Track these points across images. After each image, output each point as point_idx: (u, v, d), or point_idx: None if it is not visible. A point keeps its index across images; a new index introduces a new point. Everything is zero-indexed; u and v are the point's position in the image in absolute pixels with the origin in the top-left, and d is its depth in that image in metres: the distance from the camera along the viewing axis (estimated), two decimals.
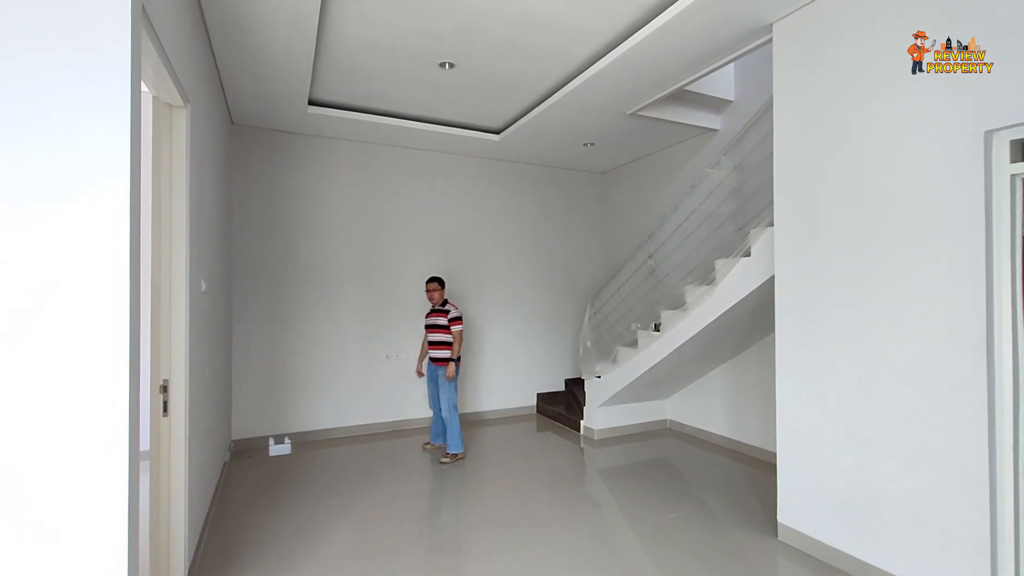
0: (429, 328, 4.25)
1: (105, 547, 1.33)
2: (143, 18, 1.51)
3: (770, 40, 2.84)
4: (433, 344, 4.19)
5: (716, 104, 4.43)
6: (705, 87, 4.16)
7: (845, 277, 2.43)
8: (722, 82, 4.30)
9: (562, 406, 5.46)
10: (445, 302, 4.20)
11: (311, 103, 4.10)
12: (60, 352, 1.30)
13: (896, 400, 2.24)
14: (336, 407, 4.75)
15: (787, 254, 2.71)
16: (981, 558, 1.97)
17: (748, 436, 4.17)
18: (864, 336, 2.36)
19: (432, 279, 4.24)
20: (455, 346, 4.09)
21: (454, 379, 4.10)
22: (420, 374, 4.53)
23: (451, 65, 3.46)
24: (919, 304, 2.15)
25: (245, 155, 4.44)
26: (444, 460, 4.00)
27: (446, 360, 4.13)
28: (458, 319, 4.13)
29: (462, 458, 4.08)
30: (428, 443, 4.40)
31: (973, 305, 1.99)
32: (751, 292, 3.24)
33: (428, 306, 5.08)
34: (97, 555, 1.33)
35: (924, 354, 2.14)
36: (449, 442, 4.07)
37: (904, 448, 2.21)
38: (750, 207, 3.92)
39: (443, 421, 4.21)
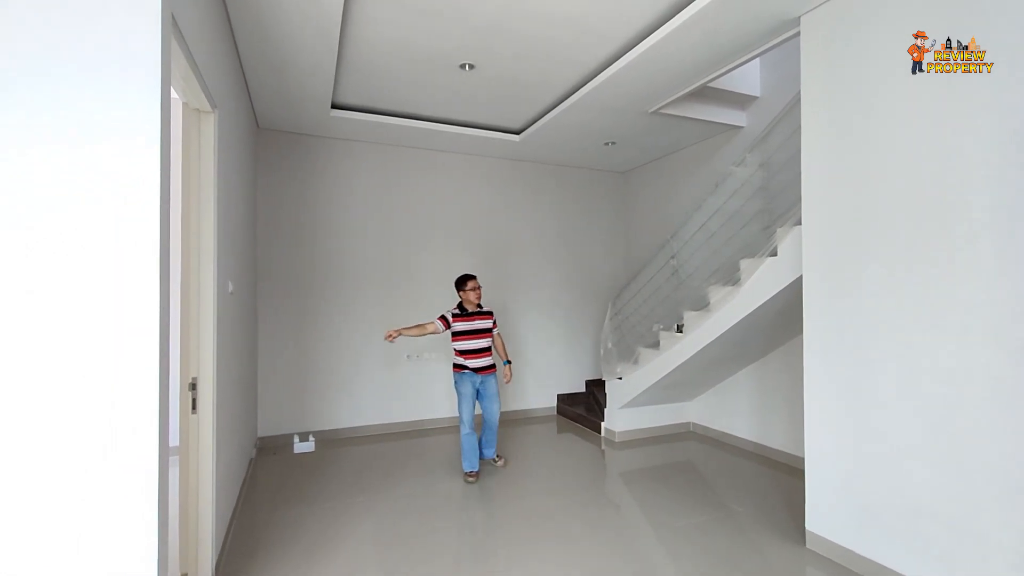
0: (469, 335, 3.63)
1: (136, 538, 1.38)
2: (173, 27, 1.55)
3: (797, 34, 2.76)
4: (476, 352, 3.64)
5: (741, 100, 4.33)
6: (729, 83, 4.07)
7: (877, 277, 2.35)
8: (747, 78, 4.21)
9: (582, 407, 5.42)
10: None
11: (334, 107, 4.16)
12: (94, 351, 1.35)
13: (933, 404, 2.15)
14: (359, 406, 4.82)
15: (815, 254, 2.63)
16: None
17: (774, 440, 4.07)
18: (898, 338, 2.27)
19: (473, 276, 3.72)
20: (504, 348, 3.87)
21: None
22: (388, 336, 3.56)
23: (471, 67, 3.47)
24: (958, 305, 2.06)
25: (270, 158, 4.54)
26: (500, 463, 3.90)
27: (493, 367, 3.74)
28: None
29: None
30: (473, 474, 3.62)
31: (1017, 307, 1.89)
32: (778, 293, 3.16)
33: (453, 307, 5.14)
34: (128, 546, 1.37)
35: (963, 357, 2.05)
36: (493, 445, 3.87)
37: (941, 454, 2.12)
38: (776, 205, 3.82)
39: (472, 434, 3.66)
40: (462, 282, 3.70)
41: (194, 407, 2.21)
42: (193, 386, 2.20)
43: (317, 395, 4.68)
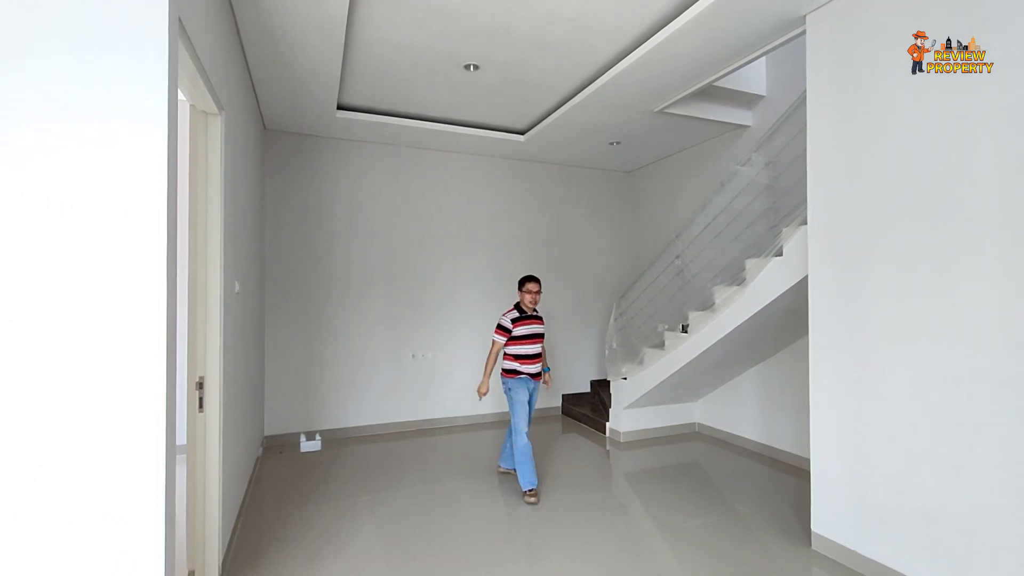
0: (527, 339, 3.45)
1: (143, 535, 1.40)
2: (180, 31, 1.57)
3: (803, 32, 2.75)
4: (533, 357, 3.48)
5: (747, 99, 4.31)
6: (735, 82, 4.05)
7: (885, 277, 2.33)
8: (753, 76, 4.19)
9: (587, 407, 5.42)
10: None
11: (340, 108, 4.19)
12: (101, 350, 1.37)
13: (944, 407, 2.13)
14: (365, 405, 4.84)
15: (821, 253, 2.61)
16: None
17: (780, 441, 4.04)
18: (908, 339, 2.25)
19: (533, 279, 3.51)
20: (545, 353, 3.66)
21: None
22: (484, 393, 3.54)
23: (476, 67, 3.48)
24: (971, 305, 2.04)
25: (277, 159, 4.57)
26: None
27: (539, 375, 3.58)
28: None
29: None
30: (533, 492, 3.31)
31: None
32: (783, 293, 3.14)
33: (459, 306, 5.16)
34: (136, 543, 1.39)
35: (976, 359, 2.02)
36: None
37: (951, 456, 2.10)
38: (782, 205, 3.80)
39: (531, 444, 3.50)
40: (520, 283, 3.55)
41: (201, 406, 2.23)
42: (200, 385, 2.23)
43: (323, 394, 4.71)
